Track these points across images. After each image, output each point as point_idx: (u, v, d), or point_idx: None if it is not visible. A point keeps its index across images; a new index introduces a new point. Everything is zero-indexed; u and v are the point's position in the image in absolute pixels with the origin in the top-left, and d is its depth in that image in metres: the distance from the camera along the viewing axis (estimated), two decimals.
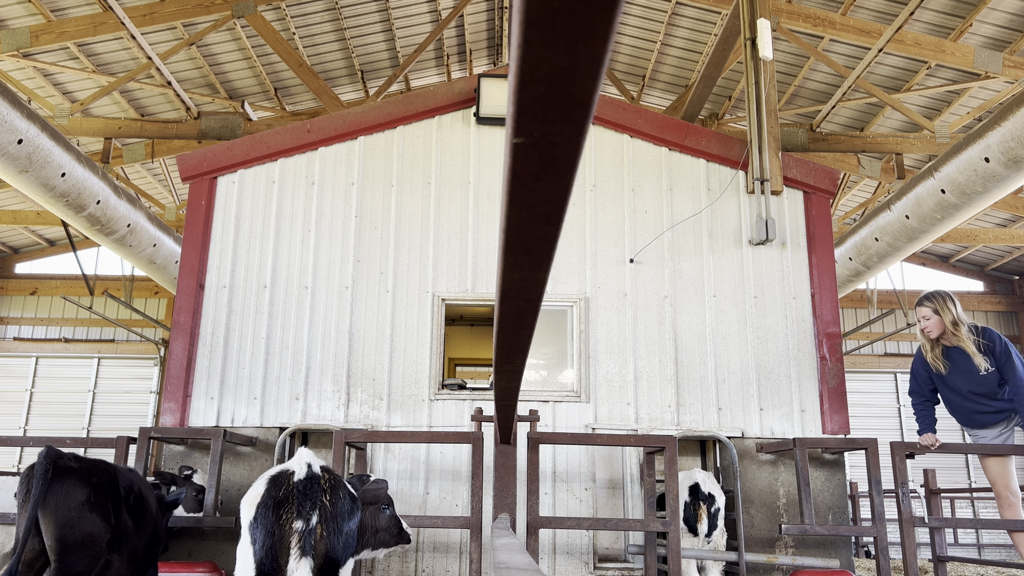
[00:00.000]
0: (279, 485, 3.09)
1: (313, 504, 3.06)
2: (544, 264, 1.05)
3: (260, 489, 3.11)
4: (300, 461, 3.19)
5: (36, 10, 9.03)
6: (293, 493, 3.06)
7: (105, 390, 15.30)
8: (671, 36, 11.40)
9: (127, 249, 8.98)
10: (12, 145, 6.24)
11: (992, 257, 16.07)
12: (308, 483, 3.11)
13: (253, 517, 3.03)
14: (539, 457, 4.65)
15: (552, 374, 8.07)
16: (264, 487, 3.10)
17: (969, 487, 13.04)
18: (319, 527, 3.05)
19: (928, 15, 9.34)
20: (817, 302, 6.34)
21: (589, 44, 0.61)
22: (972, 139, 6.69)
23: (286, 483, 3.09)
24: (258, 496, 3.08)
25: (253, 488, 3.16)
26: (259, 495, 3.08)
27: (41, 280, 15.86)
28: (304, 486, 3.09)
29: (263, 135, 6.68)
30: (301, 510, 3.03)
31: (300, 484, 3.09)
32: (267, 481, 3.13)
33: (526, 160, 0.77)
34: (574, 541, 5.84)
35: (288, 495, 3.05)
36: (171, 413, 6.00)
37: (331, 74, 12.12)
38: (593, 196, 6.59)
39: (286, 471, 3.16)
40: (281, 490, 3.06)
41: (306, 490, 3.09)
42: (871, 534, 5.03)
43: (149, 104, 11.40)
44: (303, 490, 3.08)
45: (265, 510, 3.02)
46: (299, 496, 3.05)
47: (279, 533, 2.98)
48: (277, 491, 3.06)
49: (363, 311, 6.28)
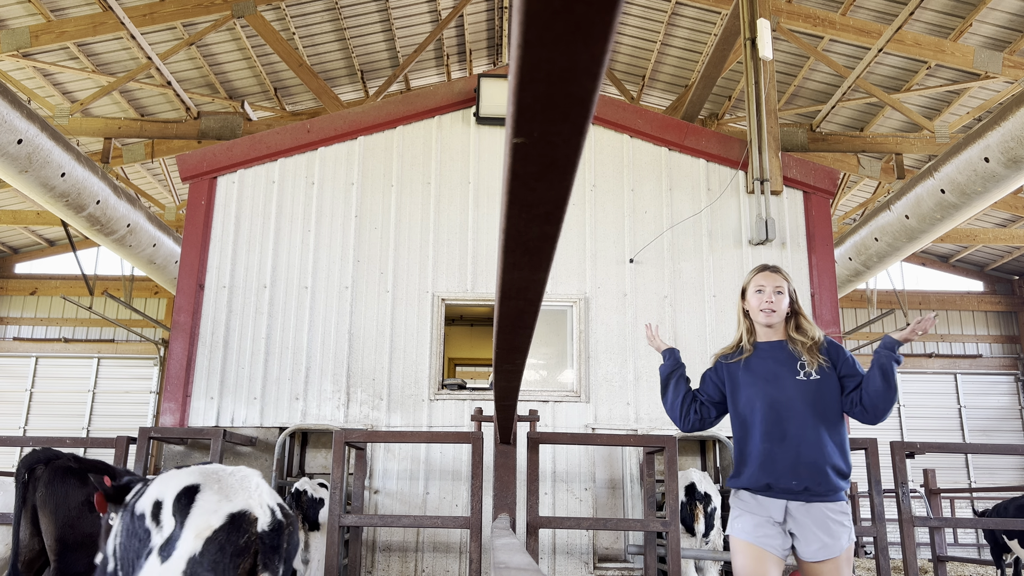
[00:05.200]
0: (240, 530, 2.72)
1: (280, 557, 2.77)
2: (544, 264, 1.05)
3: (214, 523, 2.71)
4: (262, 504, 2.85)
5: (36, 10, 9.03)
6: (256, 544, 2.73)
7: (105, 390, 15.30)
8: (671, 36, 11.39)
9: (127, 249, 8.98)
10: (12, 145, 6.24)
11: (992, 257, 16.08)
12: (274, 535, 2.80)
13: (200, 552, 2.63)
14: (539, 457, 4.65)
15: (552, 374, 8.07)
16: (221, 523, 2.71)
17: (969, 487, 13.05)
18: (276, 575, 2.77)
19: (928, 15, 9.34)
20: (817, 302, 6.34)
21: (589, 44, 0.61)
22: (972, 139, 6.69)
23: (249, 529, 2.74)
24: (210, 530, 2.69)
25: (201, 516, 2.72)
26: (211, 529, 2.69)
27: (41, 280, 15.85)
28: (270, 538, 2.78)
29: (263, 135, 6.68)
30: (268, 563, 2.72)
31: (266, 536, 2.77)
32: (225, 518, 2.73)
33: (526, 160, 0.77)
34: (574, 541, 5.84)
35: (250, 543, 2.72)
36: (171, 413, 6.00)
37: (331, 74, 12.12)
38: (593, 196, 6.59)
39: (247, 515, 2.79)
40: (244, 537, 2.71)
41: (273, 542, 2.78)
42: (871, 534, 5.03)
43: (149, 104, 11.40)
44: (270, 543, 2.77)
45: (220, 553, 2.66)
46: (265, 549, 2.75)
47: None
48: (238, 536, 2.70)
49: (363, 311, 6.28)
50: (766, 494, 2.82)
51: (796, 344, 2.96)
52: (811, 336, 2.97)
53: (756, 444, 2.86)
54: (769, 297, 2.97)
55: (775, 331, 3.02)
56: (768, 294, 2.97)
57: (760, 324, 3.02)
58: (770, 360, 2.98)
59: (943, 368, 15.99)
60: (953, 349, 16.24)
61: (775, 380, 2.92)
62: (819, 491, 2.78)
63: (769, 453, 2.82)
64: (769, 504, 2.81)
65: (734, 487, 2.95)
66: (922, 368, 15.97)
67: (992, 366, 16.06)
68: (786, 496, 2.80)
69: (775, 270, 3.04)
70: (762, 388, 2.91)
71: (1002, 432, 15.67)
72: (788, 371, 2.93)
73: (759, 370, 2.96)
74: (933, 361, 15.98)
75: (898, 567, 10.21)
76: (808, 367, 2.91)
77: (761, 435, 2.85)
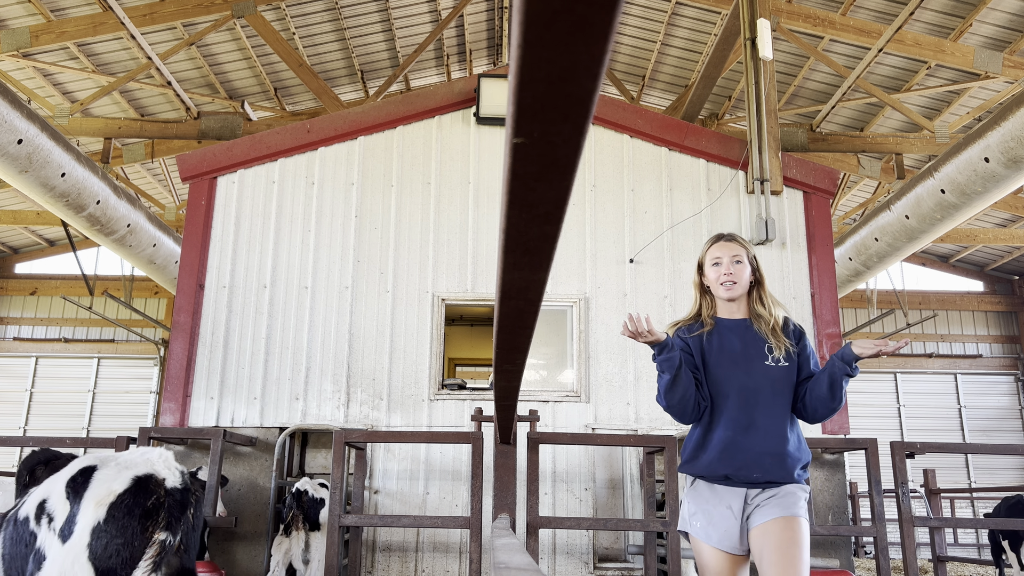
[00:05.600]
0: (148, 491, 2.73)
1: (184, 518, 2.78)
2: (544, 264, 1.05)
3: (115, 488, 2.71)
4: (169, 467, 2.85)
5: (36, 10, 9.03)
6: (165, 503, 2.73)
7: (105, 390, 15.30)
8: (671, 36, 11.39)
9: (127, 249, 8.98)
10: (12, 145, 6.24)
11: (992, 257, 16.07)
12: (183, 493, 2.80)
13: (104, 519, 2.63)
14: (539, 457, 4.65)
15: (552, 374, 8.06)
16: (123, 488, 2.71)
17: (969, 487, 13.05)
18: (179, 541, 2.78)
19: (928, 15, 9.34)
20: (817, 302, 6.34)
21: (589, 44, 0.61)
22: (972, 139, 6.69)
23: (156, 490, 2.74)
24: (113, 495, 2.69)
25: (100, 485, 2.72)
26: (114, 494, 2.69)
27: (41, 280, 15.85)
28: (180, 495, 2.78)
29: (263, 135, 6.68)
30: (172, 523, 2.71)
31: (176, 493, 2.77)
32: (130, 483, 2.74)
33: (526, 160, 0.77)
34: (574, 541, 5.84)
35: (159, 504, 2.72)
36: (171, 413, 6.00)
37: (331, 74, 12.12)
38: (593, 196, 6.59)
39: (153, 476, 2.78)
40: (151, 498, 2.72)
41: (182, 499, 2.78)
42: (871, 534, 5.03)
43: (149, 104, 11.40)
44: (180, 499, 2.77)
45: (128, 516, 2.66)
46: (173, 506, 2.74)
47: (139, 543, 2.65)
48: (145, 497, 2.71)
49: (363, 311, 6.28)
50: (724, 484, 2.60)
51: (760, 323, 2.71)
52: (774, 313, 2.71)
53: (719, 431, 2.61)
54: (728, 268, 2.70)
55: (738, 307, 2.75)
56: (726, 265, 2.70)
57: (721, 299, 2.75)
58: (736, 340, 2.70)
59: (943, 368, 15.99)
60: (953, 349, 16.24)
61: (745, 364, 2.66)
62: (783, 482, 2.58)
63: (732, 442, 2.58)
64: (727, 494, 2.59)
65: (689, 473, 2.69)
66: (922, 368, 15.97)
67: (992, 366, 16.06)
68: (746, 486, 2.58)
69: (731, 238, 2.76)
70: (731, 371, 2.65)
71: (1002, 432, 15.67)
72: (756, 354, 2.67)
73: (727, 350, 2.68)
74: (933, 361, 15.98)
75: (898, 567, 10.21)
76: (776, 351, 2.66)
77: (726, 422, 2.60)
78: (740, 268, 2.71)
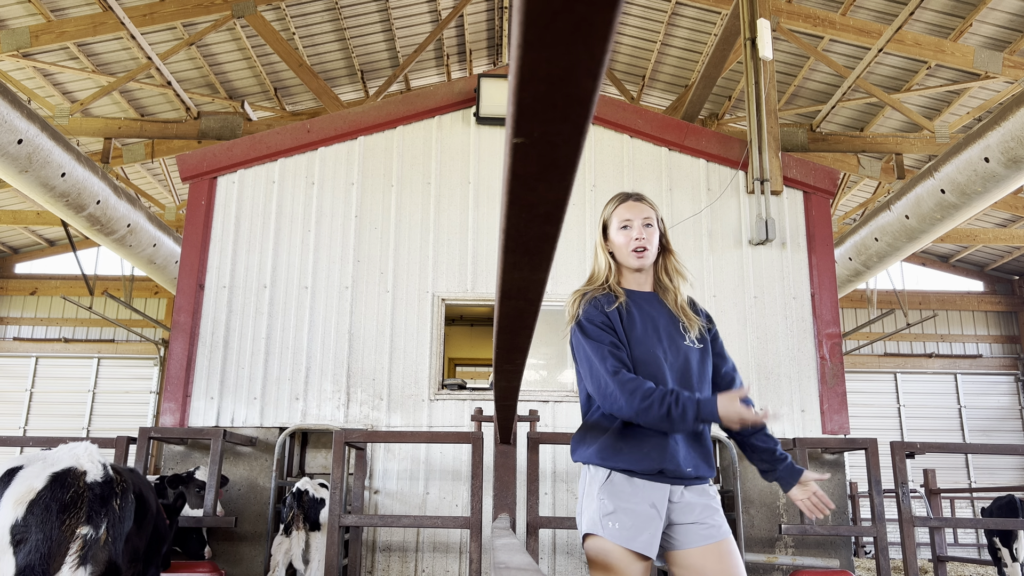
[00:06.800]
0: (66, 485, 2.73)
1: (106, 510, 2.76)
2: (544, 264, 1.05)
3: (35, 485, 2.72)
4: (92, 460, 2.85)
5: (36, 10, 9.03)
6: (84, 496, 2.72)
7: (105, 390, 15.30)
8: (671, 36, 11.39)
9: (127, 249, 8.98)
10: (12, 145, 6.24)
11: (992, 257, 16.07)
12: (105, 486, 2.79)
13: (23, 517, 2.64)
14: (539, 457, 4.66)
15: (552, 374, 8.06)
16: (42, 484, 2.72)
17: (969, 487, 13.05)
18: (105, 534, 2.76)
19: (928, 15, 9.34)
20: (817, 302, 6.34)
21: (589, 44, 0.61)
22: (972, 139, 6.69)
23: (75, 484, 2.74)
24: (32, 493, 2.70)
25: (20, 484, 2.73)
26: (33, 492, 2.70)
27: (41, 280, 15.85)
28: (101, 489, 2.77)
29: (263, 135, 6.68)
30: (93, 516, 2.71)
31: (96, 487, 2.76)
32: (48, 479, 2.73)
33: (526, 160, 0.77)
34: (574, 541, 5.84)
35: (78, 497, 2.71)
36: (171, 413, 6.00)
37: (331, 74, 12.12)
38: (593, 196, 6.59)
39: (72, 470, 2.78)
40: (69, 492, 2.71)
41: (103, 492, 2.76)
42: (871, 534, 5.03)
43: (149, 104, 11.40)
44: (100, 492, 2.76)
45: (45, 512, 2.66)
46: (94, 499, 2.73)
47: (59, 538, 2.65)
48: (64, 492, 2.71)
49: (363, 311, 6.28)
50: (653, 479, 2.21)
51: (668, 297, 2.38)
52: (679, 286, 2.40)
53: None
54: (639, 233, 2.34)
55: (645, 277, 2.41)
56: (637, 229, 2.34)
57: (630, 268, 2.39)
58: (657, 315, 2.34)
59: (943, 368, 15.99)
60: (953, 349, 16.24)
61: (671, 343, 2.31)
62: (706, 477, 2.30)
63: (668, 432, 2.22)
64: (650, 490, 2.20)
65: (606, 467, 2.24)
66: (922, 368, 15.97)
67: (992, 366, 16.06)
68: (679, 483, 2.24)
69: (639, 198, 2.41)
70: (658, 352, 2.28)
71: (1002, 432, 15.67)
72: (676, 333, 2.33)
73: (649, 326, 2.31)
74: (933, 361, 15.98)
75: (898, 567, 10.21)
76: (691, 330, 2.35)
77: None
78: (651, 232, 2.36)
